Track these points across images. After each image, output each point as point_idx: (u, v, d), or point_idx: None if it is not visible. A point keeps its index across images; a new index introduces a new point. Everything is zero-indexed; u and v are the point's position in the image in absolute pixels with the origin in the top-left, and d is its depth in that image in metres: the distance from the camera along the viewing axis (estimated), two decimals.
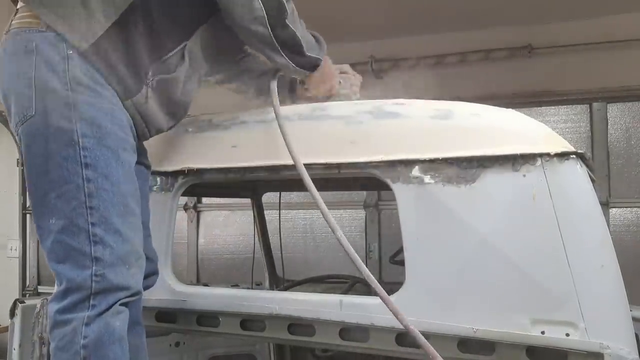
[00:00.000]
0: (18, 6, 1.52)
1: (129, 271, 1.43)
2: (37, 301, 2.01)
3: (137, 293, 1.47)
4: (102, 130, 1.43)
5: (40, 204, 1.44)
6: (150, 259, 1.64)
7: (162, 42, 1.55)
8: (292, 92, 1.94)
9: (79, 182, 1.40)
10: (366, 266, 1.46)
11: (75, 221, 1.40)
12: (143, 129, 1.59)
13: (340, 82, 1.86)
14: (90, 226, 1.39)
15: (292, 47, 1.64)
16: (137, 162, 1.57)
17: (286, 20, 1.58)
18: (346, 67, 1.91)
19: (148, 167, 1.74)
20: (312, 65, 1.73)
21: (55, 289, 1.44)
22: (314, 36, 1.73)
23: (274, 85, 1.73)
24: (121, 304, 1.42)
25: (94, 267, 1.39)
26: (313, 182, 1.52)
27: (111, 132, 1.45)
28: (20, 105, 1.43)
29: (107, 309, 1.39)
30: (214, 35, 1.68)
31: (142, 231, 1.53)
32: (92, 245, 1.39)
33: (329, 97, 1.83)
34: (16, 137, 1.49)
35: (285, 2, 1.57)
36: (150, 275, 1.66)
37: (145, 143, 1.70)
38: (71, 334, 1.37)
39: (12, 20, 1.50)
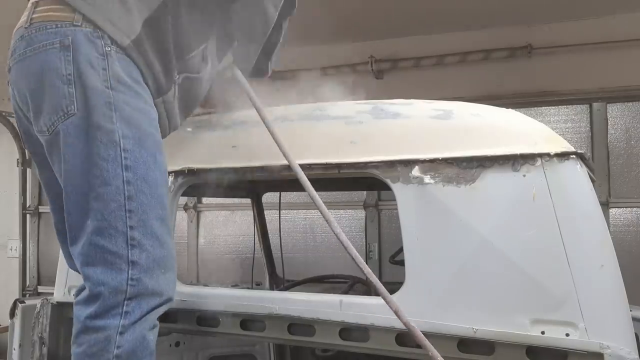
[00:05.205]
0: None
1: (164, 275, 1.41)
2: (37, 301, 2.01)
3: (169, 300, 1.44)
4: (141, 131, 1.41)
5: (76, 205, 1.40)
6: None
7: (188, 42, 1.54)
8: None
9: (119, 185, 1.36)
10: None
11: (113, 224, 1.36)
12: (165, 127, 1.58)
13: None
14: (128, 229, 1.36)
15: (272, 48, 1.78)
16: None
17: (287, 18, 1.72)
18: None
19: None
20: (265, 73, 1.85)
21: (83, 293, 1.39)
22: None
23: (239, 74, 1.71)
24: (156, 316, 1.40)
25: (130, 271, 1.36)
26: (313, 182, 1.52)
27: (149, 133, 1.43)
28: (58, 101, 1.37)
29: (140, 318, 1.36)
30: (219, 39, 1.69)
31: (173, 234, 1.52)
32: (130, 248, 1.36)
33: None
34: (44, 135, 1.42)
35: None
36: None
37: None
38: (104, 342, 1.33)
39: (32, 13, 1.43)
